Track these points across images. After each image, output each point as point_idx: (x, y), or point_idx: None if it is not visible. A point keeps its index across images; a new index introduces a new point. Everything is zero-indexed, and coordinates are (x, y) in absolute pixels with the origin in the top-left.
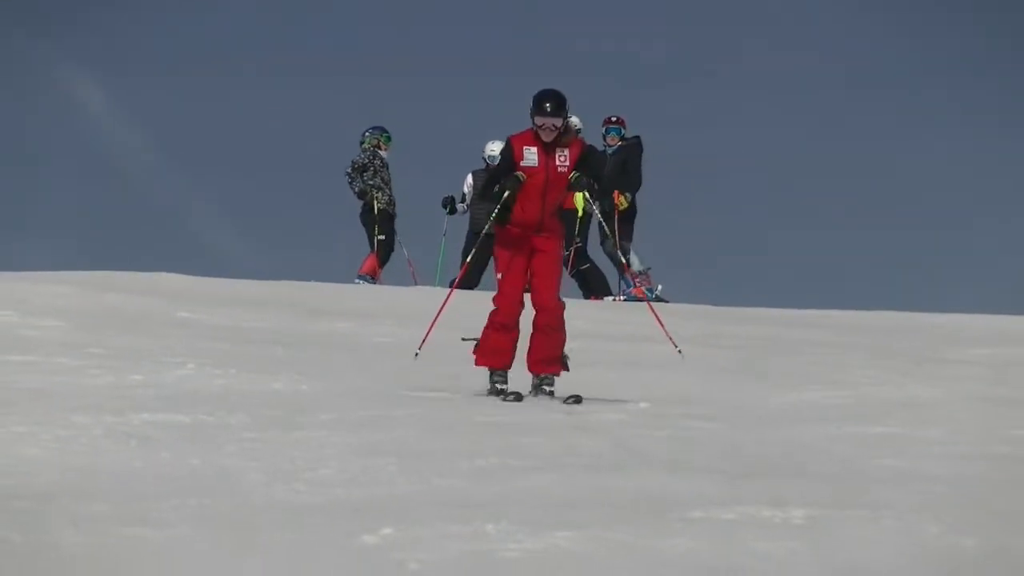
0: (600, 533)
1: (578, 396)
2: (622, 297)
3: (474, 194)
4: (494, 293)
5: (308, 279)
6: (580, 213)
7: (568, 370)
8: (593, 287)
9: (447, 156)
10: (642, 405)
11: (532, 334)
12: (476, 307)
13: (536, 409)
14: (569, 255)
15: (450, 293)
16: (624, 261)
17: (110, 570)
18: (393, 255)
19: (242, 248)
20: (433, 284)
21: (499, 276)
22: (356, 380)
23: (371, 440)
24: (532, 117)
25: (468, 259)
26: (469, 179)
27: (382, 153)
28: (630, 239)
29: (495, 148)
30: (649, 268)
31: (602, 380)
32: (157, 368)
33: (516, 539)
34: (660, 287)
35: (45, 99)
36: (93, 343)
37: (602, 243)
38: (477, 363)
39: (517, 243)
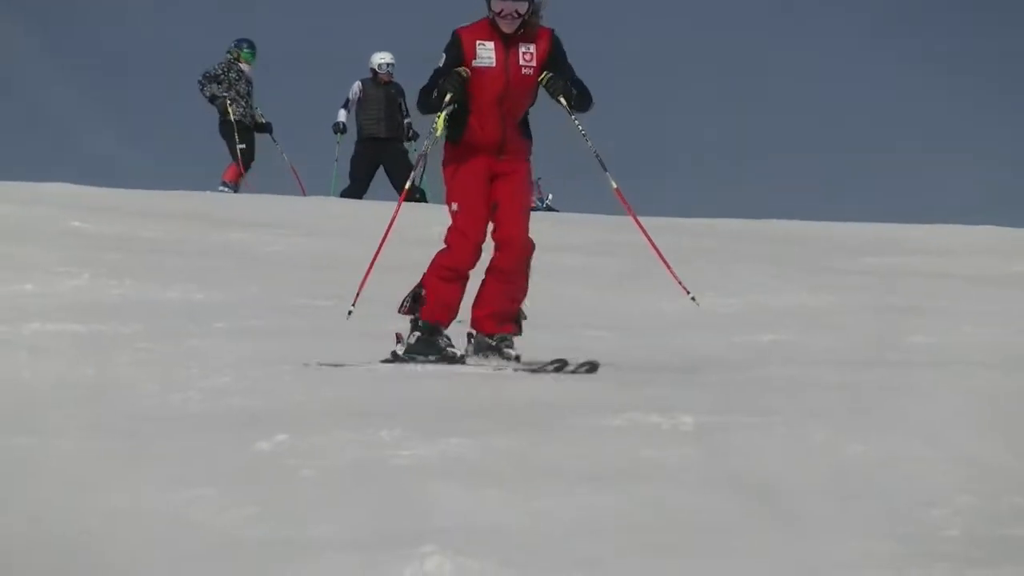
0: (490, 440)
1: (592, 363)
2: None
3: (361, 102)
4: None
5: (202, 189)
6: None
7: (520, 333)
8: None
9: (338, 68)
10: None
11: (484, 279)
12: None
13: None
14: None
15: (395, 213)
16: None
17: None
18: (276, 165)
19: (130, 156)
20: (328, 194)
21: (453, 207)
22: (251, 290)
23: (266, 349)
24: (488, 1)
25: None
26: (356, 86)
27: (242, 67)
28: None
29: (383, 58)
30: (539, 178)
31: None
32: (50, 278)
33: (408, 446)
34: (551, 196)
35: None
36: None
37: None
38: (422, 317)
39: (473, 166)
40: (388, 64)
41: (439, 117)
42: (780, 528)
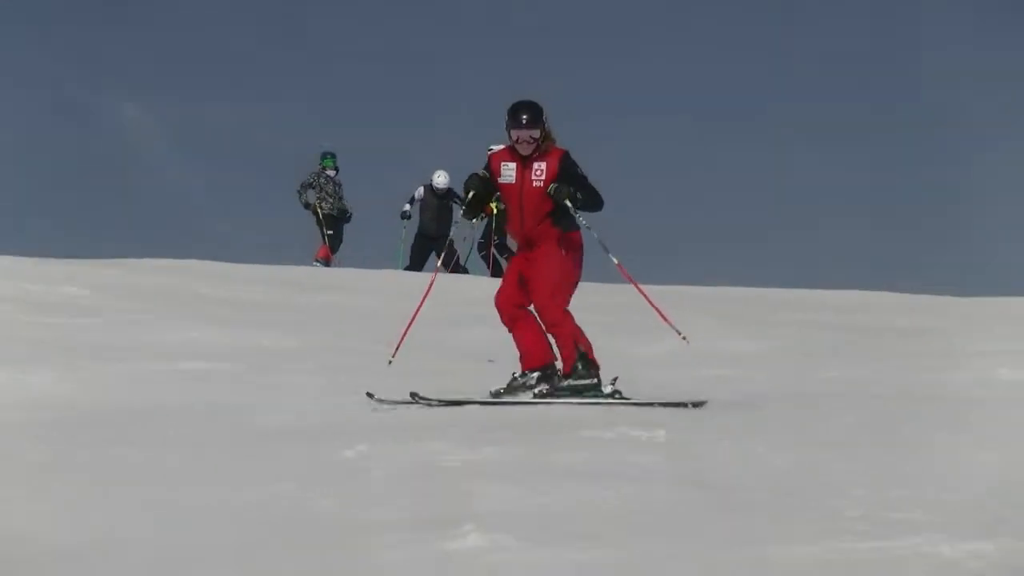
0: (514, 448)
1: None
2: None
3: (423, 204)
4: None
5: (299, 264)
6: (495, 211)
7: (594, 365)
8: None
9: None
10: None
11: None
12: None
13: (467, 362)
14: (489, 255)
15: (431, 283)
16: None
17: (152, 476)
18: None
19: (243, 237)
20: (396, 268)
21: None
22: (330, 338)
23: (341, 382)
24: (508, 131)
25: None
26: (421, 190)
27: (328, 172)
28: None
29: (439, 178)
30: None
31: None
32: (182, 330)
33: (454, 453)
34: None
35: (74, 108)
36: (137, 310)
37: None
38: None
39: (514, 255)
40: (444, 184)
41: (461, 209)
42: (728, 513)
